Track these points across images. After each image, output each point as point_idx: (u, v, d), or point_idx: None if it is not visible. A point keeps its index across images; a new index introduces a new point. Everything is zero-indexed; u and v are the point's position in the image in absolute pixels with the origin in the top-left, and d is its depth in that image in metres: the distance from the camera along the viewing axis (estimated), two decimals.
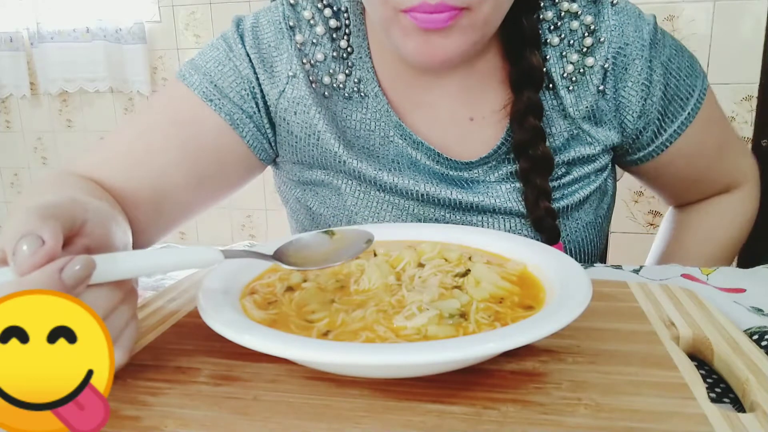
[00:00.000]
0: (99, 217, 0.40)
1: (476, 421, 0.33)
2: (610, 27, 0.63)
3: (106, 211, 0.42)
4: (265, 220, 2.42)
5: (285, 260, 0.44)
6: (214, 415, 0.34)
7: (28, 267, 0.33)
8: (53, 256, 0.33)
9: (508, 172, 0.66)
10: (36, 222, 0.34)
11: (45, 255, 0.33)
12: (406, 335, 0.38)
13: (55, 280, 0.32)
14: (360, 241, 0.47)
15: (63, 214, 0.36)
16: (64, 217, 0.36)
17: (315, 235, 0.49)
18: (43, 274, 0.32)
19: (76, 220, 0.37)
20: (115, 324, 0.36)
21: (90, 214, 0.39)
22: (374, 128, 0.66)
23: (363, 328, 0.39)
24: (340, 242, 0.48)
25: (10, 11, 2.36)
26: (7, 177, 2.68)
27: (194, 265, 0.40)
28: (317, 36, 0.66)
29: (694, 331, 0.42)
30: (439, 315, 0.39)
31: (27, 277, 0.32)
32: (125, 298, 0.37)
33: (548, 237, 0.64)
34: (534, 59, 0.62)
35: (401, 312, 0.40)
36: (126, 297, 0.37)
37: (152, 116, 0.65)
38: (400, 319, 0.39)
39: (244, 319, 0.39)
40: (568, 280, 0.42)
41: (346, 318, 0.40)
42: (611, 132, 0.65)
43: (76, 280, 0.33)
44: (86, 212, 0.38)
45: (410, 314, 0.39)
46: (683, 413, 0.32)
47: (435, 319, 0.39)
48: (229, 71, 0.65)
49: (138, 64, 2.30)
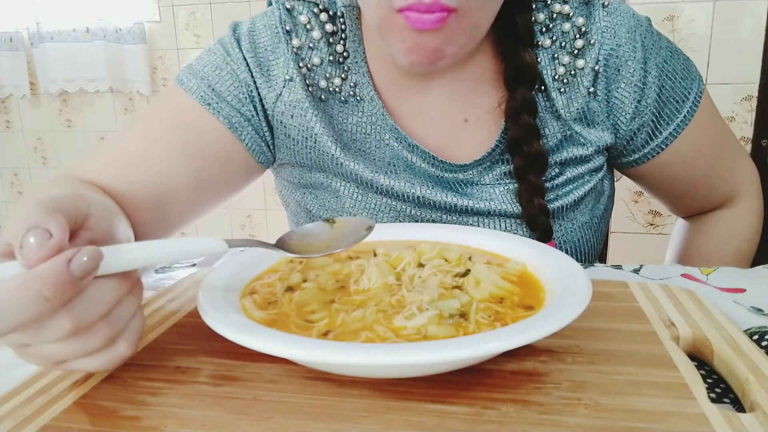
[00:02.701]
0: (102, 210, 0.40)
1: (476, 421, 0.33)
2: (601, 29, 0.63)
3: (109, 205, 0.42)
4: (265, 220, 2.42)
5: (287, 248, 0.44)
6: (214, 415, 0.34)
7: (36, 259, 0.33)
8: (61, 248, 0.33)
9: (502, 172, 0.66)
10: (42, 215, 0.34)
11: (53, 247, 0.33)
12: (406, 335, 0.38)
13: (63, 272, 0.32)
14: (361, 228, 0.47)
15: (67, 207, 0.36)
16: (68, 211, 0.36)
17: (317, 225, 0.49)
18: (51, 266, 0.32)
19: (80, 213, 0.37)
20: (121, 315, 0.36)
21: (93, 208, 0.39)
22: (370, 131, 0.66)
23: (363, 328, 0.39)
24: (342, 230, 0.48)
25: (10, 11, 2.36)
26: (7, 177, 2.68)
27: (199, 255, 0.40)
28: (313, 40, 0.66)
29: (694, 331, 0.42)
30: (439, 315, 0.39)
31: (35, 269, 0.32)
32: (131, 290, 0.37)
33: (541, 234, 0.64)
34: (528, 57, 0.62)
35: (401, 312, 0.40)
36: (132, 288, 0.37)
37: (153, 120, 0.66)
38: (400, 319, 0.39)
39: (244, 319, 0.39)
40: (568, 280, 0.42)
41: (346, 318, 0.40)
42: (604, 133, 0.65)
43: (84, 271, 0.33)
44: (89, 205, 0.38)
45: (410, 314, 0.39)
46: (683, 413, 0.32)
47: (435, 319, 0.39)
48: (226, 75, 0.65)
49: (138, 64, 2.30)
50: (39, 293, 0.31)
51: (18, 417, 0.34)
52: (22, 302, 0.31)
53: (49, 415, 0.34)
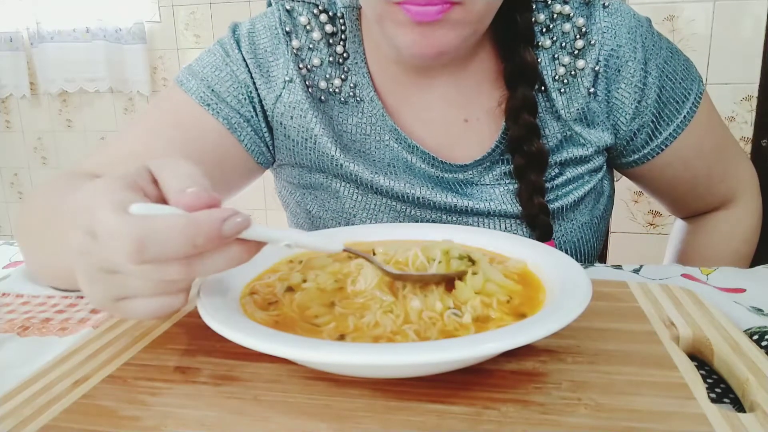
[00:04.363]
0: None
1: (476, 421, 0.33)
2: (601, 29, 0.63)
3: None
4: (265, 220, 2.42)
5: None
6: (214, 415, 0.34)
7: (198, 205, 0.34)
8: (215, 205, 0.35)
9: (502, 172, 0.66)
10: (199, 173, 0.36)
11: (212, 202, 0.35)
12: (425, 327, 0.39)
13: (217, 227, 0.33)
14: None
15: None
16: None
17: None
18: (209, 217, 0.33)
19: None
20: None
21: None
22: (370, 132, 0.66)
23: (381, 336, 0.39)
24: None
25: (10, 11, 2.37)
26: (7, 177, 2.68)
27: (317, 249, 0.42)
28: (313, 41, 0.66)
29: (694, 331, 0.42)
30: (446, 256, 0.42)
31: (195, 216, 0.33)
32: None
33: (541, 234, 0.64)
34: (528, 56, 0.62)
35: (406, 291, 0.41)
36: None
37: (153, 120, 0.66)
38: (408, 295, 0.41)
39: (244, 319, 0.39)
40: (568, 280, 0.42)
41: (358, 323, 0.40)
42: (604, 133, 0.65)
43: (234, 232, 0.34)
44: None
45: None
46: (683, 413, 0.32)
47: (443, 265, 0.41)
48: (226, 76, 0.65)
49: (138, 64, 2.30)
50: (192, 239, 0.33)
51: (18, 417, 0.34)
52: (176, 241, 0.32)
53: (49, 415, 0.34)
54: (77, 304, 0.53)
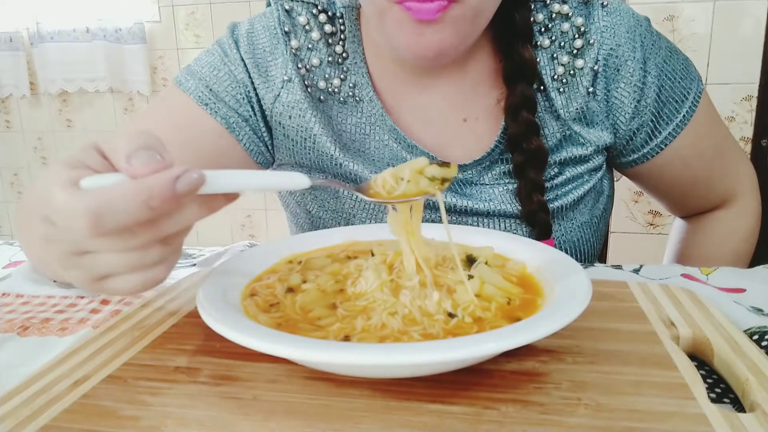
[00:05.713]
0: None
1: (476, 421, 0.33)
2: (600, 28, 0.63)
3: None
4: (265, 220, 2.42)
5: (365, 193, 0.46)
6: (214, 415, 0.34)
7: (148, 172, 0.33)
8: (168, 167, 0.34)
9: (502, 172, 0.66)
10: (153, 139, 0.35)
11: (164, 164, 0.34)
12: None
13: (170, 187, 0.33)
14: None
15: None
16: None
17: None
18: (160, 178, 0.33)
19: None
20: (177, 240, 0.37)
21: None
22: (369, 132, 0.66)
23: (388, 336, 0.39)
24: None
25: (10, 11, 2.36)
26: (7, 177, 2.67)
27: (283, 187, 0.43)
28: (312, 41, 0.66)
29: (694, 331, 0.42)
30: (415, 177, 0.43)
31: (145, 179, 0.33)
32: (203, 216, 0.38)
33: (540, 232, 0.64)
34: (527, 53, 0.62)
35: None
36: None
37: (152, 120, 0.66)
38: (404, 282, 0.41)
39: (244, 319, 0.39)
40: (568, 280, 0.42)
41: (365, 325, 0.40)
42: (603, 133, 0.65)
43: (189, 189, 0.34)
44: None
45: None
46: (683, 413, 0.32)
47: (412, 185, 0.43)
48: (224, 76, 0.66)
49: (138, 64, 2.30)
50: (146, 202, 0.32)
51: (18, 417, 0.34)
52: (129, 208, 0.32)
53: (49, 415, 0.34)
54: (77, 304, 0.53)
